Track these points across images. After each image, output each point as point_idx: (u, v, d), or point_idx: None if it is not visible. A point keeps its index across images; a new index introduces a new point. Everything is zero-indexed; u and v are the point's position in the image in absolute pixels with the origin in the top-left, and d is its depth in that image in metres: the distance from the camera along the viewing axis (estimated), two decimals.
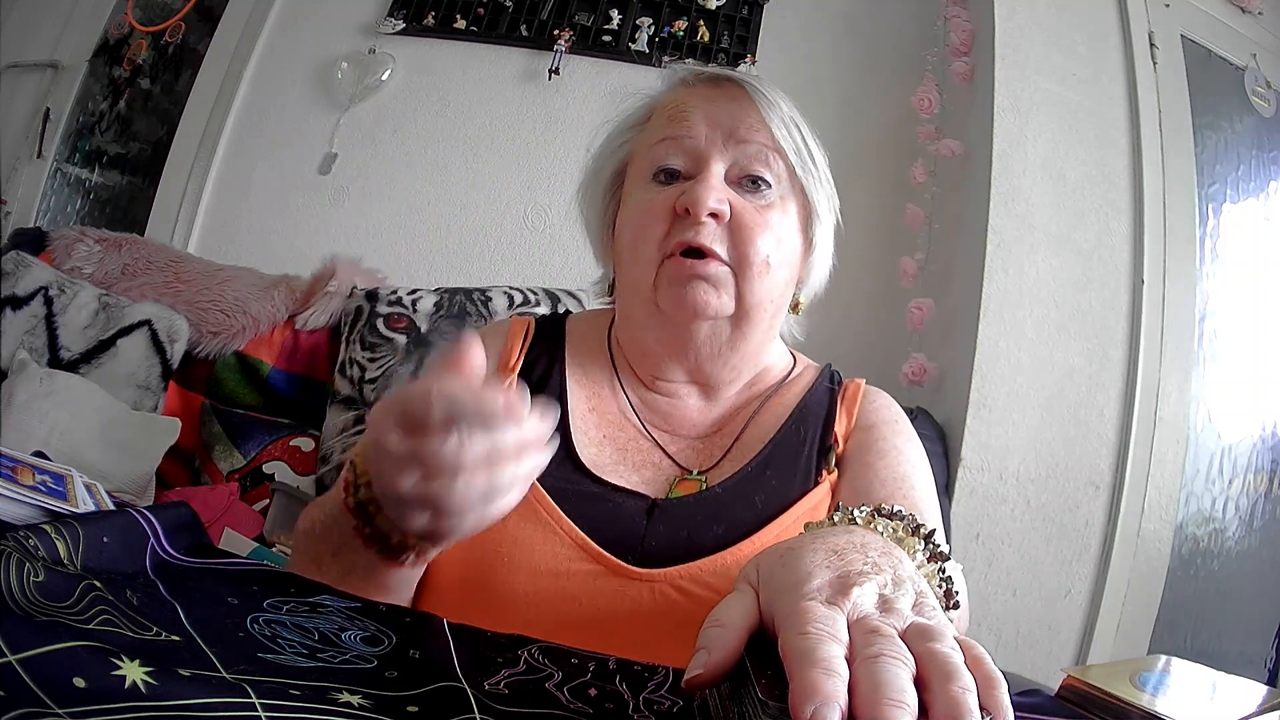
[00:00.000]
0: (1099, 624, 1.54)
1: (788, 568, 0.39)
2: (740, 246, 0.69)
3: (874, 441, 0.75)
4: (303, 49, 2.27)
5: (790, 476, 0.72)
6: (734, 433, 0.75)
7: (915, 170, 1.94)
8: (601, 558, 0.64)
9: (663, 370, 0.77)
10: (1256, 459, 1.85)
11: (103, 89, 2.45)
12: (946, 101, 1.96)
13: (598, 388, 0.78)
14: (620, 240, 0.75)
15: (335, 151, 2.18)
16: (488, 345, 0.80)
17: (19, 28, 2.39)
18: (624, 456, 0.73)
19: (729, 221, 0.69)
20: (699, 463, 0.74)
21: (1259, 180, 1.94)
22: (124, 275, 1.74)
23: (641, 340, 0.76)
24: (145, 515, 0.48)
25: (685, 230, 0.69)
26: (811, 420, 0.76)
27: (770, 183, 0.72)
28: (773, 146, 0.72)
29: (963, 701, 0.31)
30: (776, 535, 0.67)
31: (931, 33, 2.04)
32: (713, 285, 0.69)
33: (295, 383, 1.66)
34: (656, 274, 0.70)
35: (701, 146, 0.71)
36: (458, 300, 1.66)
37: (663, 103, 0.77)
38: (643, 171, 0.74)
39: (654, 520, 0.67)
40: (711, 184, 0.69)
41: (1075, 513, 1.57)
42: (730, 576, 0.63)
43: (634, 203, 0.74)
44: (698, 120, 0.72)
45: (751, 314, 0.72)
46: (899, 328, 1.87)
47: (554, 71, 2.14)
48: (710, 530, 0.67)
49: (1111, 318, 1.63)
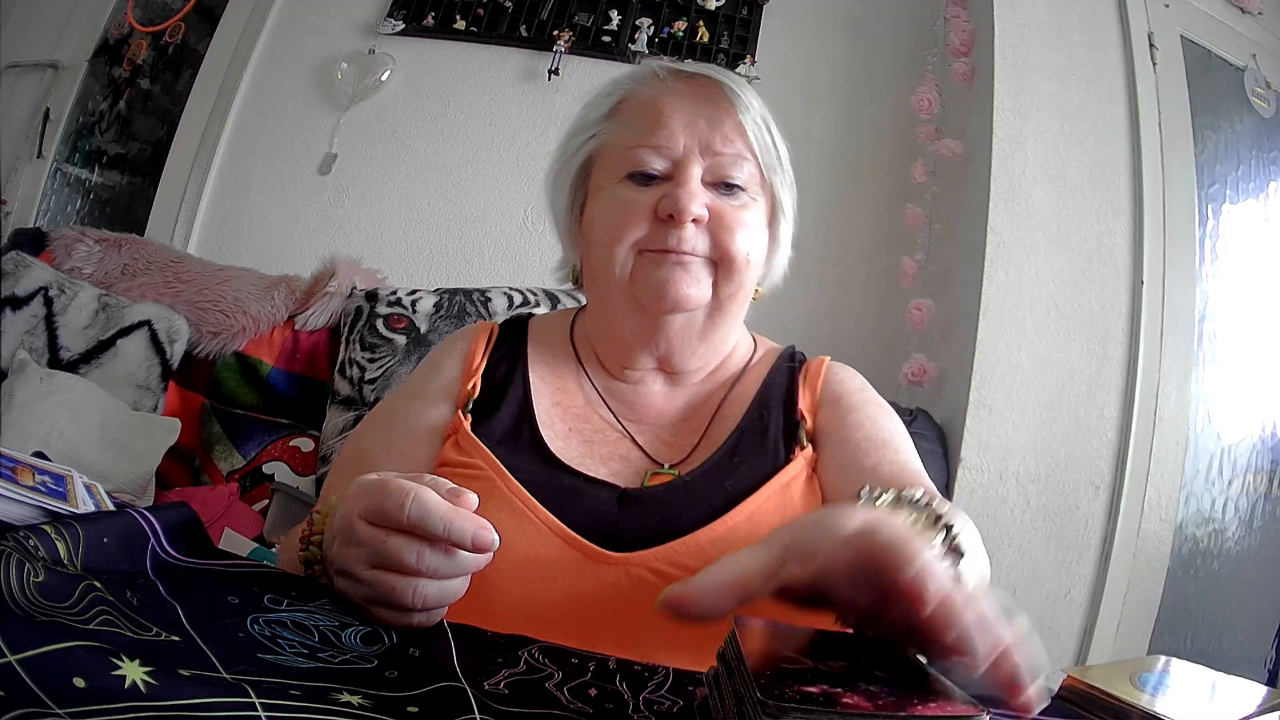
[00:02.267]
0: (1099, 624, 1.54)
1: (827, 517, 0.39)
2: (721, 246, 0.71)
3: (845, 413, 0.76)
4: (303, 49, 2.27)
5: (759, 459, 0.73)
6: (702, 424, 0.77)
7: (915, 170, 1.94)
8: (578, 544, 0.65)
9: (632, 359, 0.78)
10: (1256, 459, 1.85)
11: (103, 89, 2.45)
12: (946, 101, 1.96)
13: (562, 382, 0.79)
14: (593, 234, 0.75)
15: (335, 151, 2.18)
16: (453, 350, 0.82)
17: (19, 28, 2.39)
18: (591, 449, 0.75)
19: (708, 224, 0.71)
20: (669, 455, 0.75)
21: (1259, 180, 1.94)
22: (124, 275, 1.74)
23: (613, 329, 0.77)
24: (145, 515, 0.48)
25: (667, 235, 0.70)
26: (774, 402, 0.78)
27: (744, 186, 0.74)
28: (747, 151, 0.74)
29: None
30: (748, 514, 0.68)
31: (931, 33, 2.04)
32: (692, 277, 0.71)
33: (295, 383, 1.66)
34: (634, 265, 0.72)
35: (680, 155, 0.72)
36: (457, 300, 1.66)
37: (636, 96, 0.77)
38: (616, 168, 0.74)
39: (626, 508, 0.68)
40: (693, 190, 0.70)
41: (1075, 513, 1.56)
42: (705, 557, 0.64)
43: (611, 200, 0.74)
44: (676, 127, 0.73)
45: (725, 306, 0.74)
46: (899, 328, 1.87)
47: (554, 72, 2.14)
48: (683, 515, 0.68)
49: (1111, 318, 1.63)
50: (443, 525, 0.44)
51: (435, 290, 1.68)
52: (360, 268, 1.76)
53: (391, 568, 0.45)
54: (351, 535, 0.46)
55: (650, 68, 0.77)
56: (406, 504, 0.44)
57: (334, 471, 0.79)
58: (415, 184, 2.16)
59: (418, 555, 0.44)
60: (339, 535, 0.48)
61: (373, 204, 2.16)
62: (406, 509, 0.44)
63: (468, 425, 0.73)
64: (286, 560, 0.64)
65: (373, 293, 1.67)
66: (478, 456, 0.70)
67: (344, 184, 2.18)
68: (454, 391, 0.77)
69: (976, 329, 1.59)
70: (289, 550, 0.65)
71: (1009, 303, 1.61)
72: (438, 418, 0.76)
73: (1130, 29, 1.78)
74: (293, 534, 0.69)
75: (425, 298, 1.66)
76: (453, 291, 1.68)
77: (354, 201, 2.17)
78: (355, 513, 0.46)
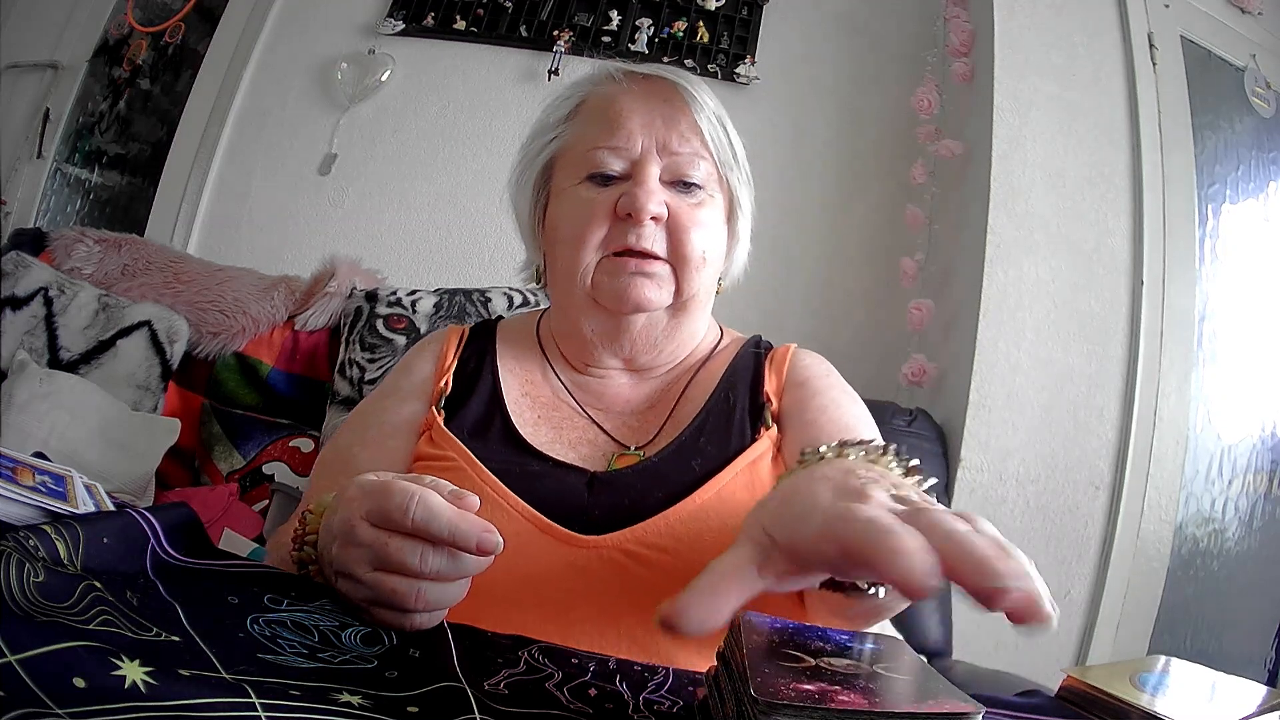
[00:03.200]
0: (1099, 624, 1.54)
1: (794, 501, 0.39)
2: (679, 246, 0.73)
3: (811, 397, 0.77)
4: (303, 49, 2.27)
5: (725, 440, 0.73)
6: (667, 408, 0.78)
7: (915, 170, 1.94)
8: (549, 528, 0.66)
9: (595, 357, 0.80)
10: (1256, 459, 1.85)
11: (103, 89, 2.44)
12: (946, 101, 1.96)
13: (530, 375, 0.81)
14: (555, 234, 0.77)
15: (335, 152, 2.18)
16: (425, 352, 0.83)
17: (19, 28, 2.39)
18: (560, 435, 0.76)
19: (666, 222, 0.73)
20: (635, 439, 0.76)
21: (1259, 180, 1.94)
22: (124, 275, 1.74)
23: (577, 329, 0.78)
24: (145, 515, 0.48)
25: (626, 233, 0.72)
26: (740, 384, 0.79)
27: (700, 184, 0.75)
28: (703, 150, 0.75)
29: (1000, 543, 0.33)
30: (716, 491, 0.68)
31: (931, 33, 2.04)
32: (653, 281, 0.73)
33: (295, 383, 1.66)
34: (595, 270, 0.73)
35: (638, 155, 0.74)
36: (457, 300, 1.66)
37: (594, 97, 0.79)
38: (576, 169, 0.76)
39: (595, 492, 0.69)
40: (650, 189, 0.72)
41: (1075, 513, 1.56)
42: (675, 535, 0.65)
43: (572, 201, 0.75)
44: (634, 128, 0.74)
45: (688, 305, 0.76)
46: (899, 328, 1.87)
47: (554, 72, 2.14)
48: (651, 495, 0.68)
49: (1111, 318, 1.63)
50: (447, 528, 0.44)
51: (435, 290, 1.68)
52: (360, 268, 1.76)
53: (394, 570, 0.45)
54: (353, 537, 0.46)
55: (607, 70, 0.79)
56: (411, 507, 0.44)
57: (316, 472, 0.80)
58: (415, 184, 2.16)
59: (421, 557, 0.44)
60: (339, 537, 0.48)
61: (373, 204, 2.16)
62: (411, 512, 0.44)
63: (440, 421, 0.75)
64: (278, 558, 0.64)
65: (373, 293, 1.67)
66: (450, 449, 0.71)
67: (344, 184, 2.18)
68: (427, 390, 0.79)
69: (976, 329, 1.59)
70: (279, 548, 0.65)
71: (1009, 303, 1.61)
72: (412, 414, 0.77)
73: (1130, 29, 1.78)
74: (281, 532, 0.70)
75: (425, 298, 1.66)
76: (453, 291, 1.68)
77: (354, 201, 2.17)
78: (357, 514, 0.46)
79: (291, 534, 0.56)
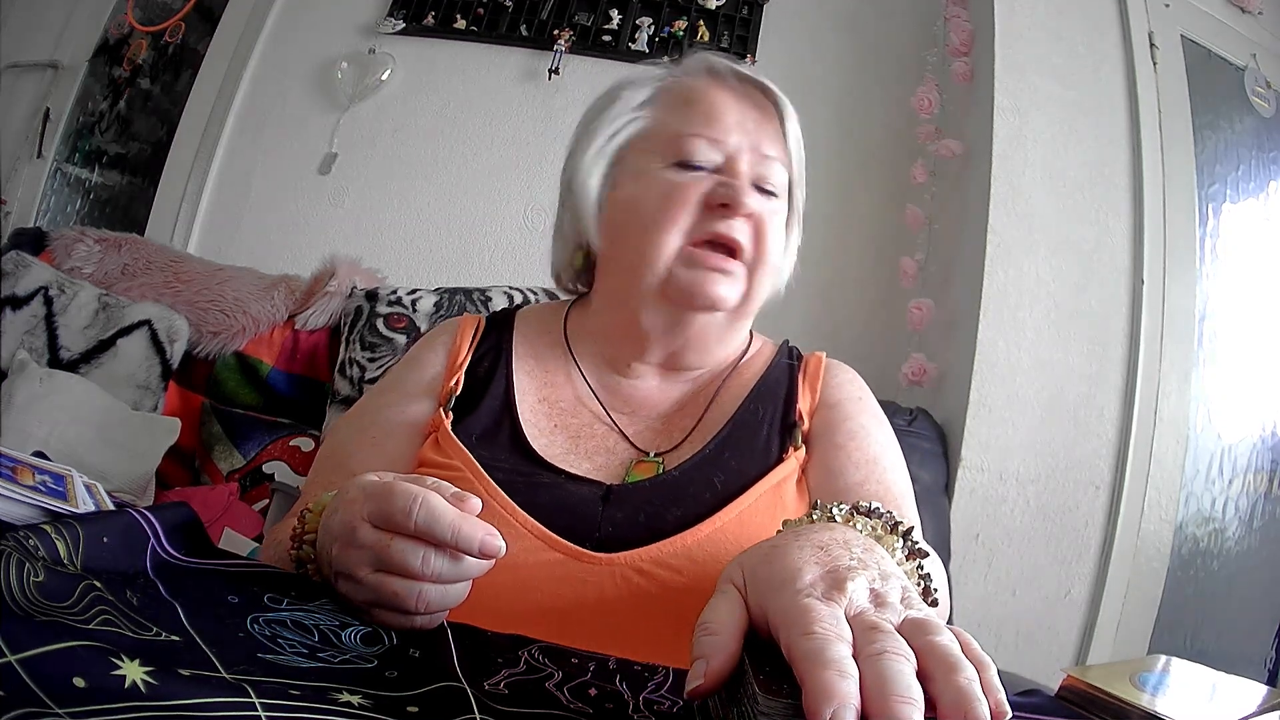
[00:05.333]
0: (1099, 624, 1.54)
1: (774, 565, 0.38)
2: (760, 247, 0.72)
3: (842, 420, 0.76)
4: (303, 49, 2.27)
5: (749, 456, 0.72)
6: (696, 414, 0.76)
7: (915, 170, 1.94)
8: (560, 545, 0.64)
9: (642, 353, 0.77)
10: (1256, 459, 1.85)
11: (103, 89, 2.44)
12: (946, 101, 1.96)
13: (550, 376, 0.78)
14: (630, 217, 0.74)
15: (335, 151, 2.18)
16: (436, 345, 0.81)
17: (19, 28, 2.39)
18: (576, 444, 0.73)
19: (753, 220, 0.72)
20: (658, 444, 0.74)
21: (1259, 180, 1.94)
22: (124, 275, 1.74)
23: (633, 322, 0.75)
24: (145, 515, 0.48)
25: (717, 221, 0.70)
26: (770, 398, 0.77)
27: (777, 193, 0.75)
28: (785, 159, 0.76)
29: (970, 691, 0.31)
30: (738, 514, 0.67)
31: (931, 33, 2.04)
32: (730, 280, 0.71)
33: (295, 383, 1.66)
34: (676, 258, 0.71)
35: (733, 150, 0.73)
36: (457, 300, 1.66)
37: (680, 86, 0.77)
38: (662, 154, 0.74)
39: (609, 506, 0.67)
40: (747, 184, 0.72)
41: (1075, 513, 1.56)
42: (691, 557, 0.63)
43: (654, 183, 0.73)
44: (731, 125, 0.74)
45: (748, 309, 0.76)
46: (899, 328, 1.87)
47: (554, 71, 2.14)
48: (669, 513, 0.66)
49: (1111, 318, 1.63)
50: (451, 531, 0.43)
51: (435, 290, 1.68)
52: (360, 268, 1.76)
53: (395, 571, 0.45)
54: (354, 538, 0.46)
55: (707, 61, 0.78)
56: (414, 509, 0.44)
57: (315, 468, 0.78)
58: (415, 184, 2.16)
59: (423, 560, 0.44)
60: (339, 537, 0.47)
61: (373, 204, 2.16)
62: (414, 514, 0.43)
63: (448, 424, 0.72)
64: (273, 556, 0.63)
65: (373, 292, 1.67)
66: (456, 457, 0.69)
67: (344, 184, 2.17)
68: (436, 388, 0.76)
69: (976, 329, 1.59)
70: (275, 545, 0.64)
71: (1009, 303, 1.61)
72: (418, 414, 0.75)
73: (1130, 29, 1.78)
74: (278, 530, 0.69)
75: (425, 297, 1.66)
76: (453, 291, 1.68)
77: (354, 201, 2.17)
78: (359, 516, 0.46)
79: (288, 531, 0.56)
